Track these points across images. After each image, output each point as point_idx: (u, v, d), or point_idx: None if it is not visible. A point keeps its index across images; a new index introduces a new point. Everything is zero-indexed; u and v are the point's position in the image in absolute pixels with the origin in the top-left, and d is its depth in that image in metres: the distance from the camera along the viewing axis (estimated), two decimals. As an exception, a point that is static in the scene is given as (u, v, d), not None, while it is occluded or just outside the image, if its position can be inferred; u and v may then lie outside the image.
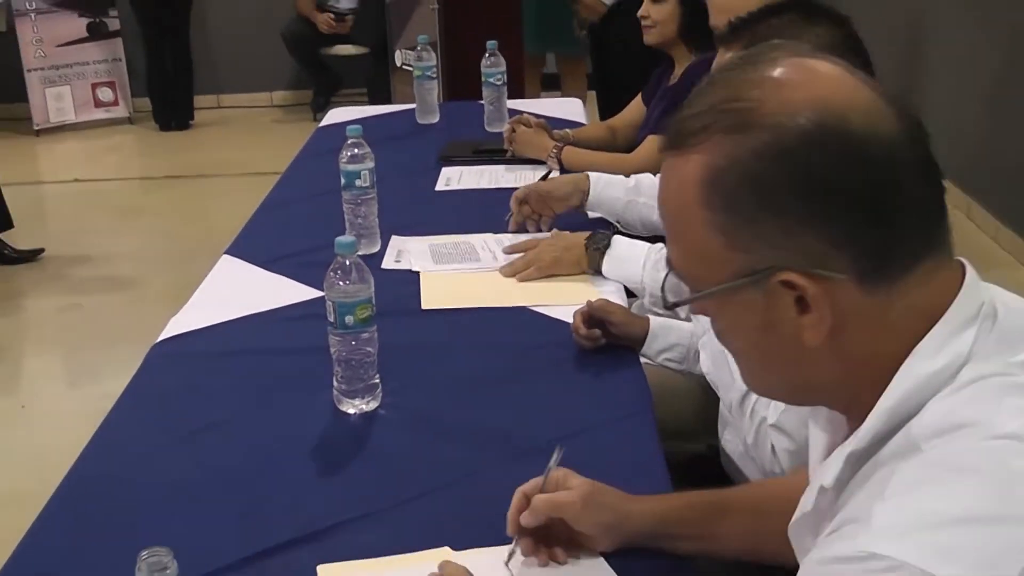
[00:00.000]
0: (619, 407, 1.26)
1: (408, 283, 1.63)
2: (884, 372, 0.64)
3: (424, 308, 1.56)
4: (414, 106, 2.59)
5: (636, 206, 1.77)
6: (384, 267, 1.69)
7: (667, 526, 0.97)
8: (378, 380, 1.27)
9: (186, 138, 5.17)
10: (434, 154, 2.30)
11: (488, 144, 2.32)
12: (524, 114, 2.28)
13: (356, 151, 1.69)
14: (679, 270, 0.69)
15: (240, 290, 1.65)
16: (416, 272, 1.67)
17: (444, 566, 0.91)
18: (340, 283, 1.23)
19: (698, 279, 0.68)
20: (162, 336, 1.49)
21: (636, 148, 2.17)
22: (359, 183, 1.69)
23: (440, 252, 1.74)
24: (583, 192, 1.79)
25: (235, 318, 1.53)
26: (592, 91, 3.92)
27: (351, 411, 1.27)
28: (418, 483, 1.12)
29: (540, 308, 1.53)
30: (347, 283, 1.23)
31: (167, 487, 1.14)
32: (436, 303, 1.57)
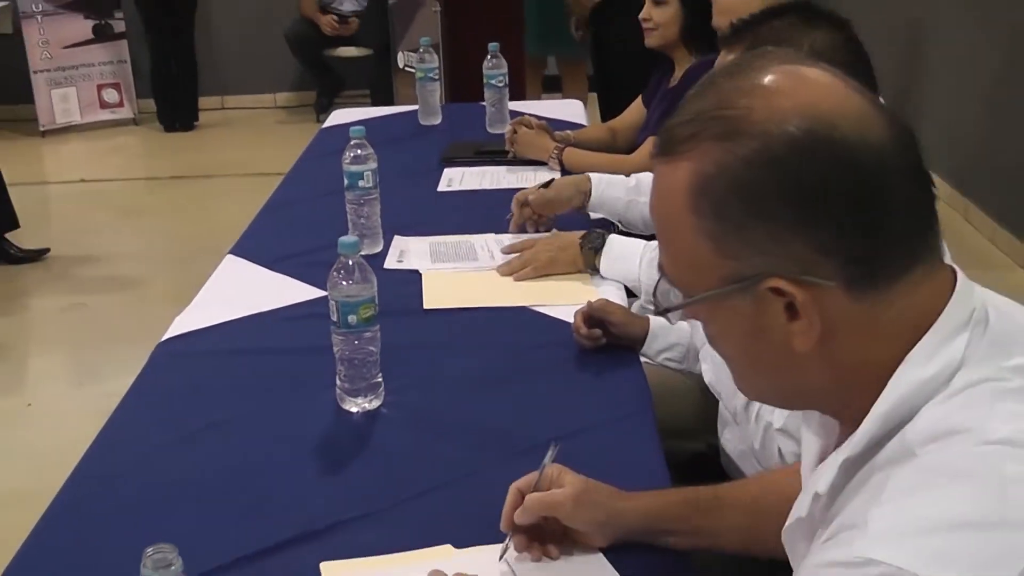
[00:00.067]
0: (619, 406, 1.27)
1: (410, 283, 1.64)
2: (875, 378, 0.64)
3: (426, 308, 1.56)
4: (416, 107, 2.60)
5: (637, 206, 1.77)
6: (386, 267, 1.69)
7: (659, 522, 0.97)
8: (380, 379, 1.28)
9: (190, 139, 5.17)
10: (436, 155, 2.30)
11: (490, 145, 2.32)
12: (525, 116, 2.29)
13: (359, 152, 1.69)
14: (670, 276, 0.70)
15: (244, 290, 1.65)
16: (418, 272, 1.67)
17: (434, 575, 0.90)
18: (343, 283, 1.24)
19: (689, 285, 0.68)
20: (167, 335, 1.49)
21: (636, 149, 2.17)
22: (362, 184, 1.70)
23: (439, 251, 1.75)
24: (584, 193, 1.80)
25: (239, 317, 1.54)
26: (593, 93, 3.93)
27: (354, 410, 1.27)
28: (420, 481, 1.12)
29: (541, 308, 1.53)
30: (350, 283, 1.23)
31: (172, 485, 1.14)
32: (438, 303, 1.57)
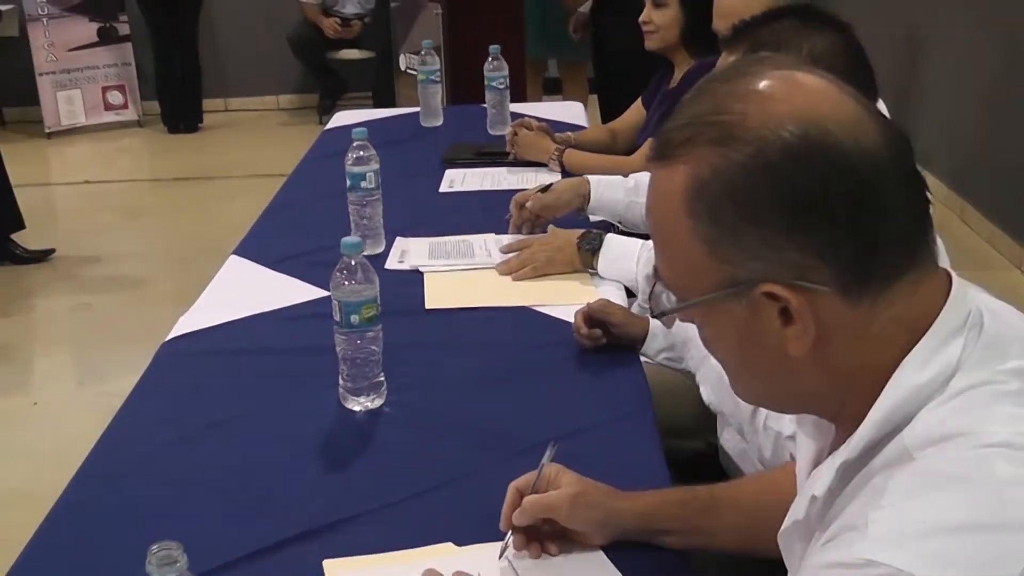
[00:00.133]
0: (619, 406, 1.27)
1: (412, 283, 1.64)
2: (871, 382, 0.64)
3: (428, 308, 1.57)
4: (418, 109, 2.60)
5: (637, 207, 1.77)
6: (387, 267, 1.69)
7: (657, 522, 0.98)
8: (383, 378, 1.28)
9: (194, 141, 5.19)
10: (438, 156, 2.31)
11: (491, 147, 2.33)
12: (526, 117, 2.29)
13: (361, 153, 1.70)
14: (665, 279, 0.70)
15: (248, 290, 1.66)
16: (419, 272, 1.68)
17: (428, 574, 0.91)
18: (346, 283, 1.24)
19: (684, 288, 0.68)
20: (171, 335, 1.50)
21: (636, 151, 2.17)
22: (364, 185, 1.70)
23: (437, 249, 1.76)
24: (583, 196, 1.80)
25: (242, 317, 1.54)
26: (593, 95, 3.94)
27: (356, 409, 1.28)
28: (421, 480, 1.12)
29: (541, 308, 1.54)
30: (353, 283, 1.24)
31: (176, 484, 1.15)
32: (439, 303, 1.58)
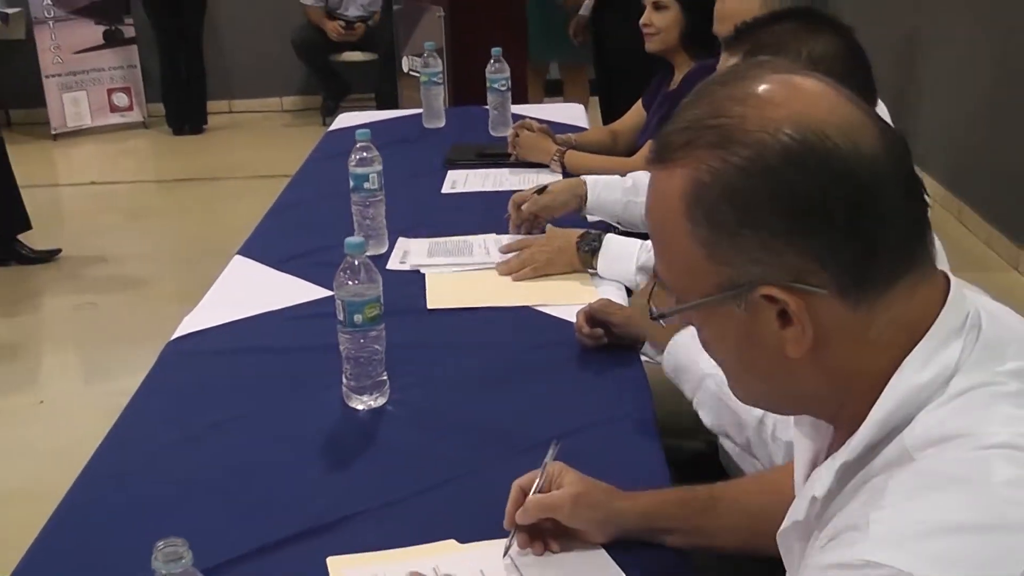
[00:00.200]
0: (620, 405, 1.28)
1: (414, 283, 1.65)
2: (869, 385, 0.65)
3: (429, 308, 1.57)
4: (421, 111, 2.62)
5: (635, 206, 1.78)
6: (389, 268, 1.70)
7: (657, 521, 0.99)
8: (386, 377, 1.29)
9: (199, 142, 5.21)
10: (440, 157, 2.32)
11: (492, 148, 2.34)
12: (527, 119, 2.30)
13: (365, 155, 1.71)
14: (664, 280, 0.70)
15: (252, 289, 1.67)
16: (421, 272, 1.69)
17: None
18: (349, 282, 1.25)
19: (683, 291, 0.68)
20: (176, 334, 1.51)
21: (636, 152, 2.17)
22: (367, 185, 1.72)
23: (437, 249, 1.77)
24: (580, 197, 1.82)
25: (247, 316, 1.55)
26: (594, 97, 3.95)
27: (359, 407, 1.28)
28: (424, 478, 1.13)
29: (543, 308, 1.55)
30: (356, 282, 1.25)
31: (181, 482, 1.15)
32: (441, 303, 1.59)
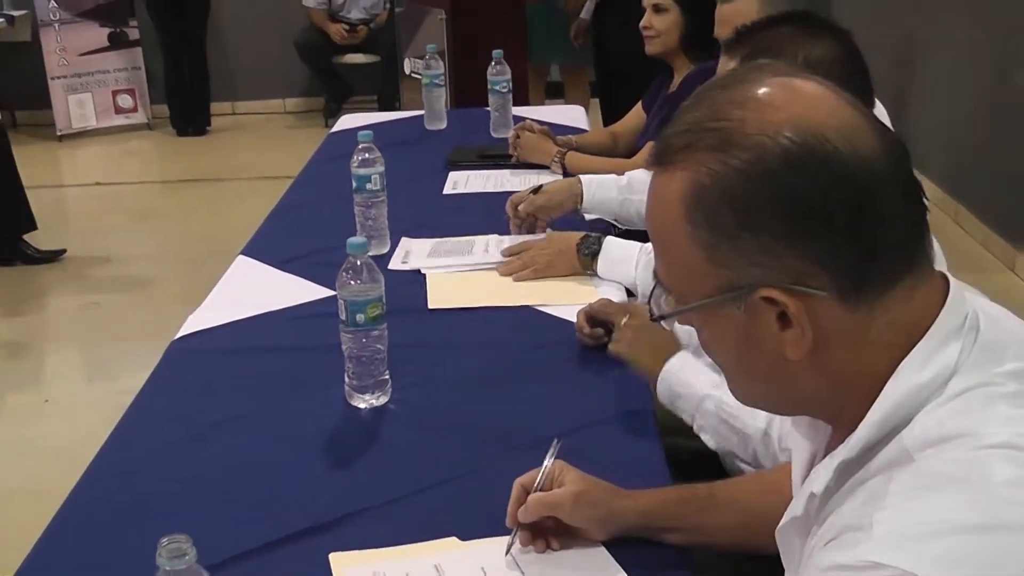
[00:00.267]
0: (620, 404, 1.28)
1: (415, 283, 1.66)
2: (868, 386, 0.65)
3: (430, 308, 1.58)
4: (422, 113, 2.63)
5: (631, 204, 1.80)
6: (391, 268, 1.71)
7: (657, 519, 1.00)
8: (387, 376, 1.30)
9: (202, 143, 5.23)
10: (442, 159, 2.33)
11: (494, 149, 2.35)
12: (528, 120, 2.31)
13: (367, 156, 1.72)
14: (665, 283, 0.70)
15: (255, 289, 1.68)
16: (422, 272, 1.69)
17: None
18: (352, 282, 1.26)
19: (683, 293, 0.69)
20: (180, 333, 1.52)
21: (636, 153, 2.18)
22: (370, 186, 1.72)
23: (439, 250, 1.77)
24: (577, 196, 1.83)
25: (250, 316, 1.56)
26: (594, 99, 3.96)
27: (361, 406, 1.29)
28: (426, 476, 1.14)
29: (543, 308, 1.55)
30: (358, 282, 1.25)
31: (186, 479, 1.16)
32: (442, 303, 1.59)
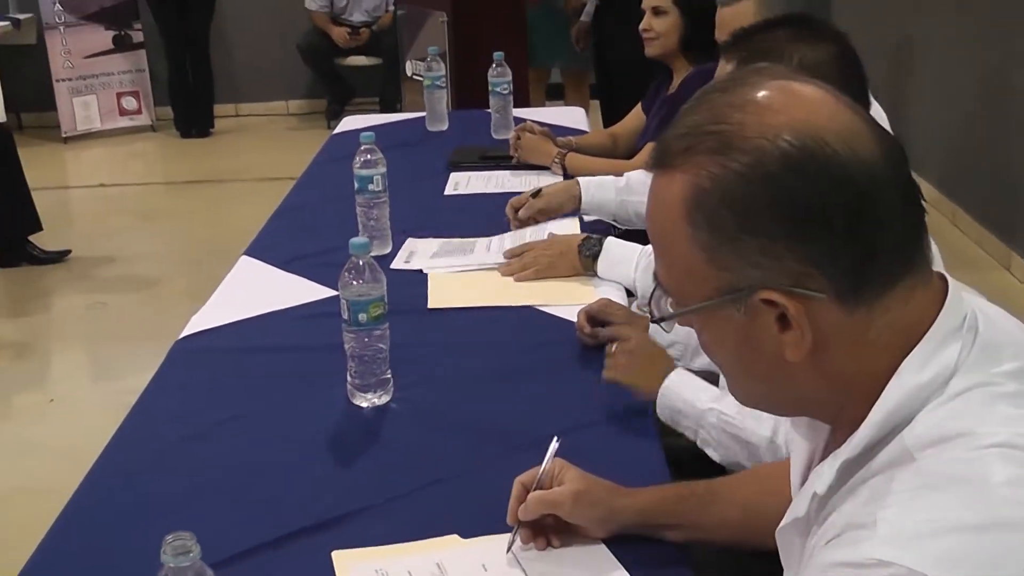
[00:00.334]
0: (620, 403, 1.28)
1: (417, 283, 1.67)
2: (868, 387, 0.65)
3: (430, 308, 1.59)
4: (424, 114, 2.64)
5: (630, 204, 1.81)
6: (393, 267, 1.72)
7: (656, 517, 1.01)
8: (390, 375, 1.31)
9: (206, 145, 5.25)
10: (443, 160, 2.34)
11: (495, 150, 2.36)
12: (529, 122, 2.32)
13: (369, 157, 1.73)
14: (665, 284, 0.70)
15: (258, 289, 1.69)
16: (424, 273, 1.70)
17: None
18: (354, 282, 1.27)
19: (683, 294, 0.69)
20: (184, 333, 1.53)
21: (636, 155, 2.19)
22: (372, 187, 1.73)
23: (441, 250, 1.78)
24: (575, 198, 1.84)
25: (253, 316, 1.57)
26: (594, 101, 3.97)
27: (364, 405, 1.30)
28: (427, 474, 1.15)
29: (544, 307, 1.56)
30: (360, 282, 1.26)
31: (190, 478, 1.17)
32: (442, 303, 1.60)
